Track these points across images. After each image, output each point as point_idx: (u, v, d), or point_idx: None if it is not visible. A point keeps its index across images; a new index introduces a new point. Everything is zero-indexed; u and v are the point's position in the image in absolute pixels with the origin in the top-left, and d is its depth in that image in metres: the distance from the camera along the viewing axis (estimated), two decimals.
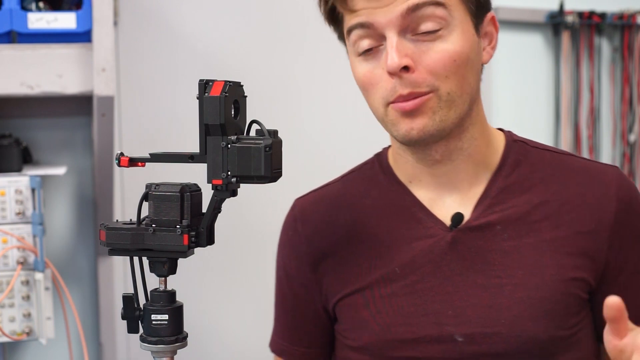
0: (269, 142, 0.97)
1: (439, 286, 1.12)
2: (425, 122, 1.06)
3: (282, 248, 1.28)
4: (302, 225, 1.24)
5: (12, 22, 1.76)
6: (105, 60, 1.75)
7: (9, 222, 1.74)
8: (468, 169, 1.15)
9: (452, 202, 1.15)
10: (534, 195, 1.14)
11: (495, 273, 1.11)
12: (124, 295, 1.02)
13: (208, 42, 2.26)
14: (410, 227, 1.16)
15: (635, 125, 2.74)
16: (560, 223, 1.12)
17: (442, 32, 1.06)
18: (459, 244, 1.13)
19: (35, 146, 2.12)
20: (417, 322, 1.12)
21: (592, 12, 2.65)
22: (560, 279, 1.09)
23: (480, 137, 1.14)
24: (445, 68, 1.05)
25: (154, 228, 0.99)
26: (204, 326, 2.27)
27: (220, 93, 0.98)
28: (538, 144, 1.20)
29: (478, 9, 1.10)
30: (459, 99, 1.07)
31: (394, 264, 1.14)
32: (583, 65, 2.68)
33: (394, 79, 1.05)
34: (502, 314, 1.09)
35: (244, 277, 2.32)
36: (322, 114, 2.36)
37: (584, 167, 1.16)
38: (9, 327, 1.75)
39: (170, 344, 1.01)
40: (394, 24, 1.05)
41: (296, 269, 1.24)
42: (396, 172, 1.20)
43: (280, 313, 1.29)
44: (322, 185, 1.28)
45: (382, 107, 1.09)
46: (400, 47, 1.04)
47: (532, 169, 1.16)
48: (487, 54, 1.14)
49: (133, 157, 1.03)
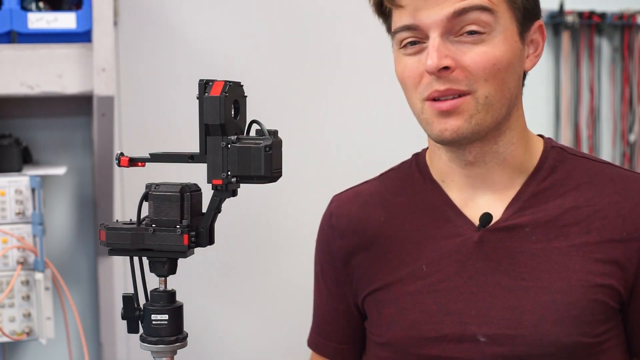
0: (269, 142, 0.97)
1: (464, 286, 1.12)
2: (460, 124, 1.07)
3: (318, 244, 1.30)
4: (337, 220, 1.25)
5: (12, 22, 1.76)
6: (105, 60, 1.75)
7: (9, 222, 1.74)
8: (502, 173, 1.15)
9: (484, 203, 1.16)
10: (566, 200, 1.13)
11: (520, 275, 1.10)
12: (124, 295, 1.02)
13: (208, 42, 2.26)
14: (439, 226, 1.16)
15: (635, 125, 2.74)
16: (591, 229, 1.11)
17: (485, 36, 1.06)
18: (486, 244, 1.13)
19: (35, 146, 2.12)
20: (441, 320, 1.12)
21: (592, 12, 2.65)
22: (588, 285, 1.08)
23: (517, 142, 1.14)
24: (485, 71, 1.06)
25: (154, 228, 0.99)
26: (204, 326, 2.27)
27: (220, 93, 0.98)
28: (577, 151, 1.20)
29: (525, 17, 1.11)
30: (497, 103, 1.08)
31: (421, 262, 1.15)
32: (583, 65, 2.68)
33: (432, 76, 1.06)
34: (525, 316, 1.09)
35: (244, 277, 2.32)
36: (322, 113, 2.36)
37: (622, 176, 1.15)
38: (9, 327, 1.75)
39: (170, 344, 1.01)
40: (438, 25, 1.06)
41: (330, 264, 1.26)
42: (431, 171, 1.21)
43: (316, 308, 1.32)
44: (361, 183, 1.29)
45: (419, 102, 1.10)
46: (442, 48, 1.05)
47: (568, 176, 1.15)
48: (531, 61, 1.14)
49: (133, 157, 1.03)
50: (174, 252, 1.00)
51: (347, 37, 2.33)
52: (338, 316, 1.27)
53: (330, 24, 2.33)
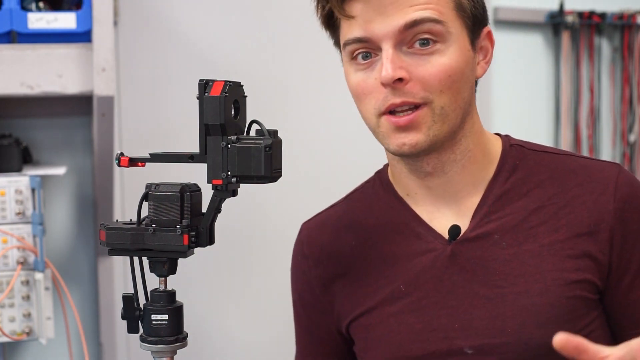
0: (269, 142, 0.97)
1: (443, 300, 1.12)
2: (418, 137, 1.06)
3: (293, 273, 1.29)
4: (309, 249, 1.25)
5: (12, 22, 1.76)
6: (105, 60, 1.75)
7: (9, 222, 1.74)
8: (463, 180, 1.14)
9: (451, 214, 1.15)
10: (530, 200, 1.13)
11: (496, 283, 1.10)
12: (124, 295, 1.02)
13: (208, 42, 2.26)
14: (411, 243, 1.15)
15: (635, 125, 2.74)
16: (559, 226, 1.11)
17: (438, 46, 1.06)
18: (459, 257, 1.12)
19: (35, 146, 2.12)
20: (427, 338, 1.12)
21: (592, 12, 2.65)
22: (564, 283, 1.09)
23: (475, 148, 1.14)
24: (440, 82, 1.05)
25: (154, 228, 0.99)
26: (204, 326, 2.27)
27: (220, 93, 0.98)
28: (536, 145, 1.19)
29: (474, 24, 1.10)
30: (452, 113, 1.07)
31: (399, 282, 1.15)
32: (583, 65, 2.68)
33: (387, 89, 1.05)
34: (507, 323, 1.08)
35: (244, 277, 2.32)
36: (323, 113, 2.36)
37: (583, 166, 1.15)
38: (9, 327, 1.75)
39: (170, 344, 1.01)
40: (390, 37, 1.05)
41: (308, 292, 1.25)
42: (395, 186, 1.20)
43: (299, 333, 1.31)
44: (327, 208, 1.28)
45: (374, 117, 1.09)
46: (396, 60, 1.04)
47: (529, 173, 1.15)
48: (482, 68, 1.14)
49: (133, 157, 1.03)
50: (174, 252, 1.00)
51: None
52: (322, 342, 1.26)
53: None
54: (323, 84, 2.34)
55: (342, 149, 2.35)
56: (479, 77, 1.14)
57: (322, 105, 2.35)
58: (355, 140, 2.35)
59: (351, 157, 2.36)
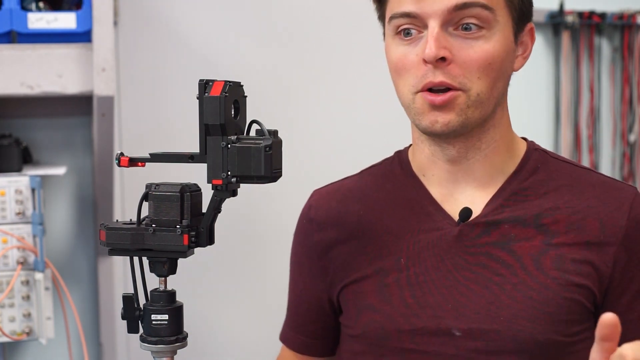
0: (269, 142, 0.97)
1: (441, 279, 1.13)
2: (451, 117, 1.08)
3: (296, 236, 1.30)
4: (316, 213, 1.26)
5: (12, 22, 1.76)
6: (105, 60, 1.75)
7: (9, 222, 1.74)
8: (483, 169, 1.15)
9: (464, 199, 1.16)
10: (546, 201, 1.14)
11: (497, 271, 1.11)
12: (124, 295, 1.02)
13: (208, 42, 2.26)
14: (419, 220, 1.17)
15: (635, 125, 2.74)
16: (569, 230, 1.12)
17: (484, 32, 1.07)
18: (464, 239, 1.13)
19: (35, 146, 2.12)
20: (416, 313, 1.12)
21: (592, 12, 2.65)
22: (564, 283, 1.09)
23: (500, 140, 1.15)
24: (480, 69, 1.07)
25: (154, 228, 0.99)
26: (204, 326, 2.27)
27: (220, 93, 0.98)
28: (559, 156, 1.21)
29: (520, 18, 1.12)
30: (486, 101, 1.09)
31: (400, 255, 1.16)
32: (583, 65, 2.68)
33: (428, 67, 1.07)
34: (500, 311, 1.09)
35: (244, 277, 2.32)
36: (323, 113, 2.36)
37: (602, 182, 1.16)
38: (9, 327, 1.75)
39: (170, 344, 1.01)
40: (439, 15, 1.06)
41: (307, 256, 1.26)
42: (413, 165, 1.21)
43: (290, 301, 1.32)
44: (341, 179, 1.30)
45: (410, 94, 1.10)
46: (441, 38, 1.06)
47: (549, 177, 1.16)
48: (519, 62, 1.15)
49: (133, 157, 1.03)
50: (174, 252, 1.00)
51: (347, 37, 2.33)
52: (309, 310, 1.27)
53: (331, 23, 2.33)
54: (323, 84, 2.34)
55: (343, 149, 2.35)
56: (515, 71, 1.15)
57: (323, 105, 2.35)
58: (356, 140, 2.36)
59: (351, 157, 2.35)
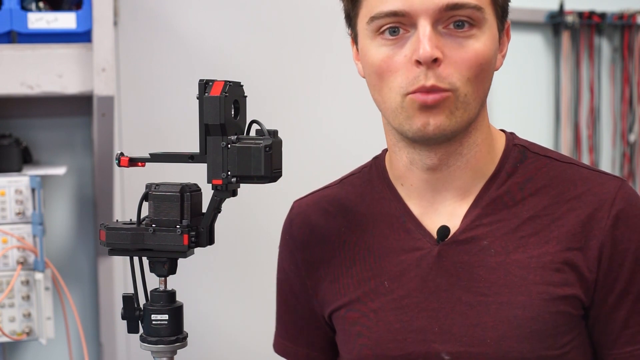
0: (269, 142, 0.97)
1: (425, 302, 1.10)
2: (443, 119, 1.03)
3: (281, 250, 1.27)
4: (298, 229, 1.22)
5: (12, 22, 1.76)
6: (105, 60, 1.75)
7: (9, 222, 1.74)
8: (464, 176, 1.11)
9: (444, 211, 1.13)
10: (524, 208, 1.10)
11: (480, 290, 1.08)
12: (124, 295, 1.02)
13: (208, 42, 2.26)
14: (399, 238, 1.13)
15: (635, 125, 2.74)
16: (550, 238, 1.08)
17: (474, 31, 1.03)
18: (445, 259, 1.10)
19: (35, 146, 2.12)
20: (404, 338, 1.10)
21: (592, 12, 2.65)
22: (549, 298, 1.06)
23: (482, 142, 1.11)
24: (471, 69, 1.03)
25: (154, 228, 0.99)
26: (204, 326, 2.27)
27: (220, 93, 0.98)
28: (540, 149, 1.16)
29: (503, 15, 1.09)
30: (473, 102, 1.05)
31: (383, 277, 1.13)
32: (583, 65, 2.68)
33: (420, 68, 1.02)
34: (487, 333, 1.06)
35: (244, 277, 2.32)
36: (323, 113, 2.36)
37: (584, 178, 1.12)
38: (9, 327, 1.75)
39: (170, 344, 1.01)
40: (430, 14, 1.01)
41: (295, 273, 1.22)
42: (390, 173, 1.18)
43: (281, 313, 1.28)
44: (321, 188, 1.26)
45: (399, 95, 1.04)
46: (433, 38, 1.01)
47: (527, 178, 1.12)
48: (499, 61, 1.11)
49: (133, 157, 1.03)
50: (174, 252, 1.00)
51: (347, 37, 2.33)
52: (306, 322, 1.24)
53: (331, 23, 2.33)
54: (323, 84, 2.34)
55: (343, 149, 2.35)
56: (496, 70, 1.11)
57: (322, 105, 2.35)
58: (356, 140, 2.36)
59: (351, 157, 2.35)
